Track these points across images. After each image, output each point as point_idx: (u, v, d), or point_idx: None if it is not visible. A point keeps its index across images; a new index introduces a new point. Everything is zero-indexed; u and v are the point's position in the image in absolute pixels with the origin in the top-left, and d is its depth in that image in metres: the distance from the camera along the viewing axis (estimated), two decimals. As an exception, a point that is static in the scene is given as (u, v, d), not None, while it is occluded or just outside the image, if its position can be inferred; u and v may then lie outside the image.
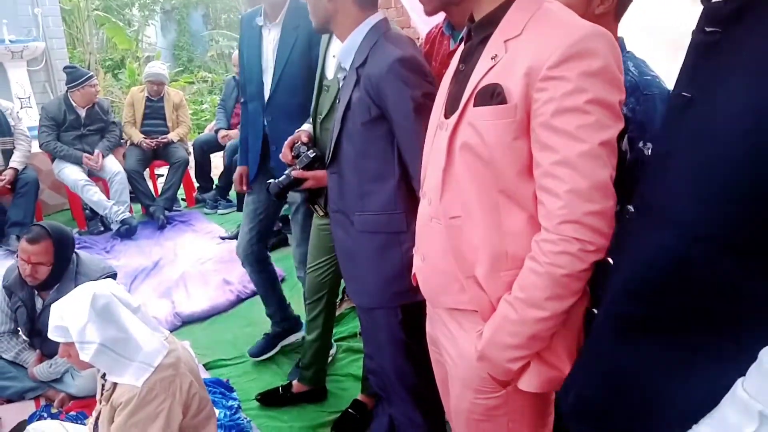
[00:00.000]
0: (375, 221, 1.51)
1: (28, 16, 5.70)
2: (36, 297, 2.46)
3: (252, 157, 2.45)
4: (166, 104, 5.01)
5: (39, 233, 2.32)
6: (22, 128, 4.47)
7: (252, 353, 2.74)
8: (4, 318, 2.49)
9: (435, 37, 1.74)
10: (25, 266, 2.31)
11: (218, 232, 4.47)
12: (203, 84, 11.41)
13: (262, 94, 2.33)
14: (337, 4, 1.49)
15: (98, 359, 1.45)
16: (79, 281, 2.36)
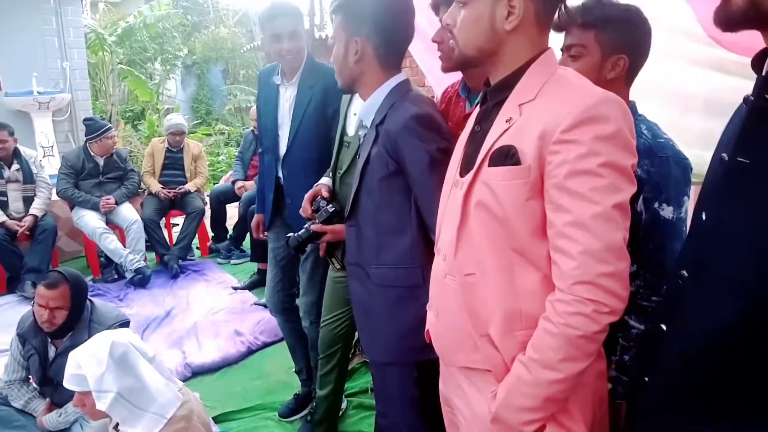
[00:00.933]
0: (391, 275, 1.53)
1: (57, 69, 5.94)
2: (49, 345, 2.46)
3: (267, 207, 2.52)
4: (185, 155, 5.13)
5: (57, 278, 2.35)
6: (43, 176, 4.59)
7: (281, 414, 2.68)
8: (16, 366, 2.49)
9: (451, 96, 1.80)
10: (42, 312, 2.32)
11: (231, 282, 4.49)
12: (220, 136, 11.68)
13: (276, 147, 2.41)
14: (363, 66, 1.56)
15: (114, 409, 1.46)
16: (93, 329, 2.38)
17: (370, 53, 1.55)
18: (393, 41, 1.57)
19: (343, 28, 1.56)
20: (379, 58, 1.55)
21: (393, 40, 1.57)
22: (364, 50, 1.54)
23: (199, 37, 14.35)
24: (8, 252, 4.29)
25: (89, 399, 1.50)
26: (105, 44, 9.69)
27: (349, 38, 1.55)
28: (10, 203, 4.40)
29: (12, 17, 5.60)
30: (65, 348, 2.38)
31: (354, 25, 1.53)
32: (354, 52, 1.55)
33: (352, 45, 1.55)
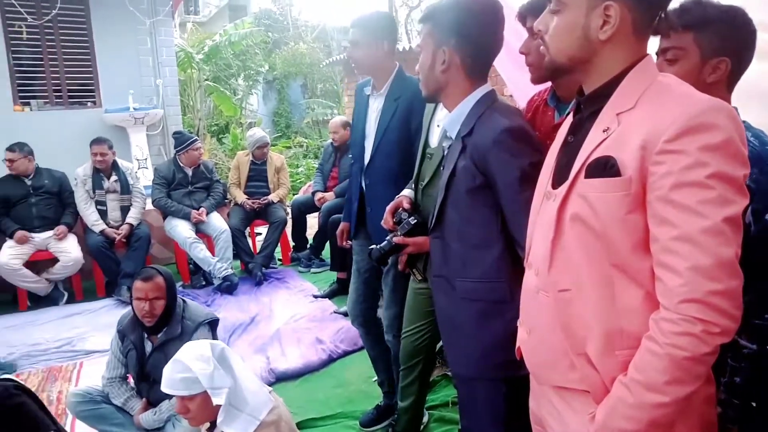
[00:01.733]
0: (477, 288, 1.51)
1: (151, 86, 6.33)
2: (146, 340, 2.60)
3: (352, 216, 2.56)
4: (268, 167, 5.32)
5: (151, 272, 2.51)
6: (139, 187, 4.89)
7: (363, 423, 2.71)
8: (116, 363, 2.64)
9: (538, 106, 1.76)
10: (143, 305, 2.45)
11: (311, 291, 4.59)
12: (299, 149, 12.03)
13: (362, 157, 2.45)
14: (449, 76, 1.55)
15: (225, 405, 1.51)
16: (185, 325, 2.53)
17: (457, 63, 1.53)
18: (481, 51, 1.55)
19: (430, 38, 1.55)
20: (466, 68, 1.54)
21: (481, 51, 1.55)
22: (452, 60, 1.53)
23: (279, 53, 14.87)
24: (107, 258, 4.59)
25: (194, 402, 1.57)
26: (193, 62, 10.24)
27: (436, 48, 1.54)
28: (109, 212, 4.71)
29: (112, 39, 6.02)
30: (161, 343, 2.53)
31: (442, 34, 1.53)
32: (441, 61, 1.54)
33: (439, 55, 1.54)
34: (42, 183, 4.57)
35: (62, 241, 4.50)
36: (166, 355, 2.50)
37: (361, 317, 2.66)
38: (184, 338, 2.51)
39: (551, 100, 1.68)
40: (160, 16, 6.19)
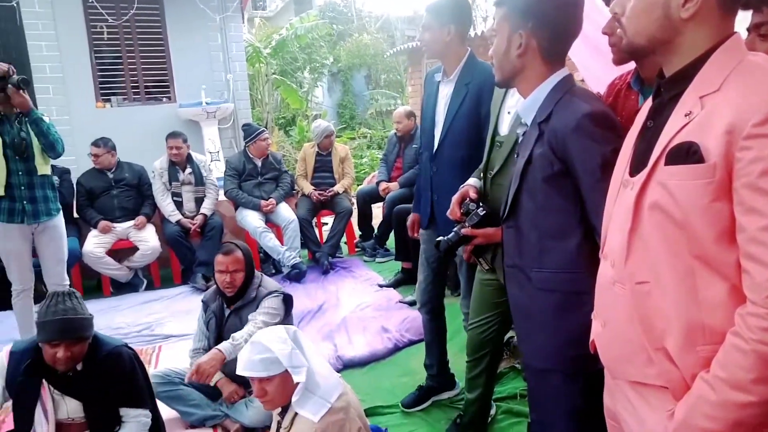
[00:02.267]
0: (554, 279, 1.46)
1: (222, 81, 6.54)
2: (225, 308, 2.77)
3: (423, 206, 2.55)
4: (333, 158, 5.40)
5: (230, 247, 2.71)
6: (212, 179, 5.08)
7: (404, 404, 2.78)
8: (201, 335, 2.81)
9: (620, 89, 1.69)
10: (224, 277, 2.65)
11: (376, 280, 4.63)
12: (363, 139, 12.12)
13: (431, 145, 2.44)
14: (526, 60, 1.50)
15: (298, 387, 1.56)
16: (260, 293, 2.72)
17: (534, 47, 1.48)
18: (559, 35, 1.49)
19: (506, 21, 1.50)
20: (543, 52, 1.48)
21: (559, 34, 1.49)
22: (528, 44, 1.48)
23: (343, 45, 14.99)
24: (183, 247, 4.81)
25: (272, 384, 1.62)
26: (261, 56, 10.50)
27: (512, 32, 1.49)
28: (184, 203, 4.92)
29: (185, 37, 6.26)
30: (237, 307, 2.72)
31: (518, 17, 1.48)
32: (517, 45, 1.48)
33: (515, 39, 1.48)
34: (123, 176, 4.83)
35: (141, 231, 4.74)
36: (240, 318, 2.69)
37: (429, 304, 2.71)
38: (256, 302, 2.69)
39: (635, 83, 1.60)
40: (229, 12, 6.37)
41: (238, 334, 2.56)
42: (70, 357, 2.03)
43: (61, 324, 2.01)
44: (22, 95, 3.16)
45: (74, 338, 2.04)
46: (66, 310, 2.04)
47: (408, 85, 12.10)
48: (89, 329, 2.11)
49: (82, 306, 2.11)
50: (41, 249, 3.49)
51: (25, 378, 2.09)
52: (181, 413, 2.71)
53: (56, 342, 2.01)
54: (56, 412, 2.14)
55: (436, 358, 2.80)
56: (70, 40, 5.74)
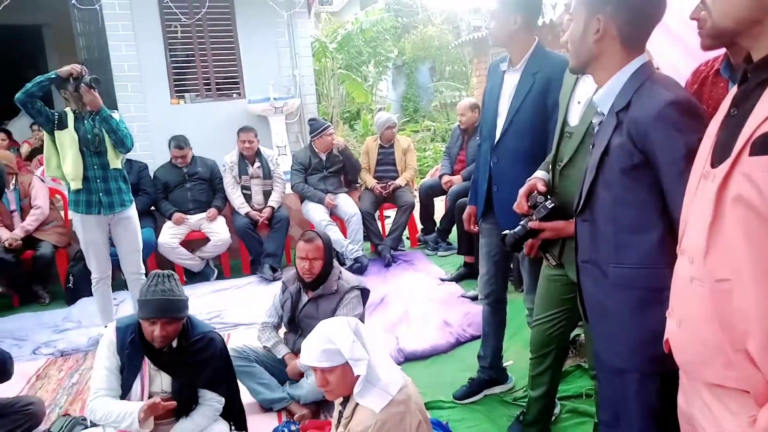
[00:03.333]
0: (633, 275, 1.39)
1: (289, 77, 6.66)
2: (302, 293, 2.86)
3: (480, 198, 2.52)
4: (396, 150, 5.40)
5: (312, 235, 2.80)
6: (279, 173, 5.20)
7: (456, 396, 2.79)
8: (273, 311, 2.94)
9: (706, 76, 1.59)
10: (303, 263, 2.74)
11: (438, 274, 4.61)
12: (427, 132, 12.07)
13: (492, 135, 2.40)
14: (603, 46, 1.43)
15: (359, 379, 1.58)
16: (340, 284, 2.81)
17: (613, 32, 1.41)
18: (640, 19, 1.41)
19: (582, 6, 1.44)
20: (622, 37, 1.41)
21: (640, 18, 1.40)
22: (607, 29, 1.41)
23: (408, 37, 14.95)
24: (251, 238, 4.96)
25: (334, 375, 1.64)
26: (327, 51, 10.63)
27: (590, 16, 1.42)
28: (253, 196, 5.07)
29: (254, 34, 6.42)
30: (317, 296, 2.81)
31: (596, 1, 1.41)
32: (595, 30, 1.42)
33: (593, 23, 1.42)
34: (196, 170, 5.02)
35: (213, 223, 4.92)
36: (317, 308, 2.77)
37: (491, 297, 2.69)
38: (337, 296, 2.78)
39: (725, 69, 1.51)
40: (296, 8, 6.48)
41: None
42: (165, 335, 2.18)
43: (159, 303, 2.17)
44: (93, 94, 3.35)
45: (170, 317, 2.19)
46: (165, 291, 2.19)
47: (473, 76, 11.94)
48: (184, 310, 2.26)
49: (179, 288, 2.25)
50: (117, 239, 3.69)
51: (131, 350, 2.26)
52: (250, 390, 2.79)
53: (154, 319, 2.17)
54: (151, 384, 2.30)
55: (491, 350, 2.79)
56: (146, 40, 6.01)
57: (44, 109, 3.35)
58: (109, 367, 2.31)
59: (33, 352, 3.72)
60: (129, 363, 2.29)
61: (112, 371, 2.30)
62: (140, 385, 2.29)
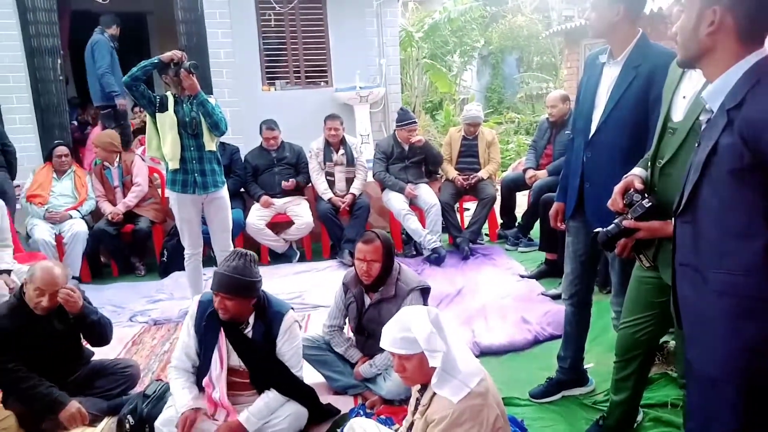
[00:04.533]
0: (736, 282, 1.31)
1: (375, 66, 6.73)
2: (365, 295, 2.85)
3: (570, 194, 2.45)
4: (479, 143, 5.33)
5: (371, 236, 2.75)
6: (362, 161, 5.28)
7: (533, 395, 2.74)
8: (337, 312, 2.94)
9: None
10: (362, 265, 2.72)
11: (518, 270, 4.53)
12: (510, 124, 11.80)
13: (587, 130, 2.33)
14: (717, 39, 1.35)
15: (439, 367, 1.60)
16: (399, 287, 2.75)
17: (730, 25, 1.32)
18: (763, 13, 1.31)
19: None
20: (739, 30, 1.32)
21: (762, 11, 1.31)
22: (723, 21, 1.32)
23: (496, 27, 14.65)
24: (333, 224, 5.08)
25: (411, 362, 1.67)
26: (413, 41, 10.62)
27: (705, 6, 1.34)
28: (336, 183, 5.18)
29: (343, 23, 6.53)
30: (376, 301, 2.78)
31: None
32: (709, 22, 1.33)
33: (707, 14, 1.33)
34: (284, 155, 5.20)
35: (297, 207, 5.08)
36: (379, 312, 2.74)
37: (575, 297, 2.61)
38: (398, 300, 2.71)
39: None
40: (386, -2, 6.53)
41: (378, 360, 2.77)
42: (223, 308, 2.30)
43: (223, 278, 2.30)
44: (192, 79, 3.52)
45: (227, 292, 2.29)
46: (234, 268, 2.31)
47: (563, 67, 11.56)
48: (247, 290, 2.35)
49: (251, 269, 2.35)
50: (209, 218, 3.89)
51: (208, 323, 2.41)
52: (326, 378, 2.89)
53: (216, 292, 2.31)
54: (229, 358, 2.43)
55: (573, 352, 2.71)
56: (242, 28, 6.25)
57: (147, 92, 3.57)
58: (186, 341, 2.47)
59: (129, 320, 4.01)
60: (206, 335, 2.43)
61: (187, 344, 2.47)
62: (218, 358, 2.42)
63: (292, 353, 2.49)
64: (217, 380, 2.43)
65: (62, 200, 4.86)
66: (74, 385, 2.69)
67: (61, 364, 2.69)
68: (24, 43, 5.64)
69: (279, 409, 2.43)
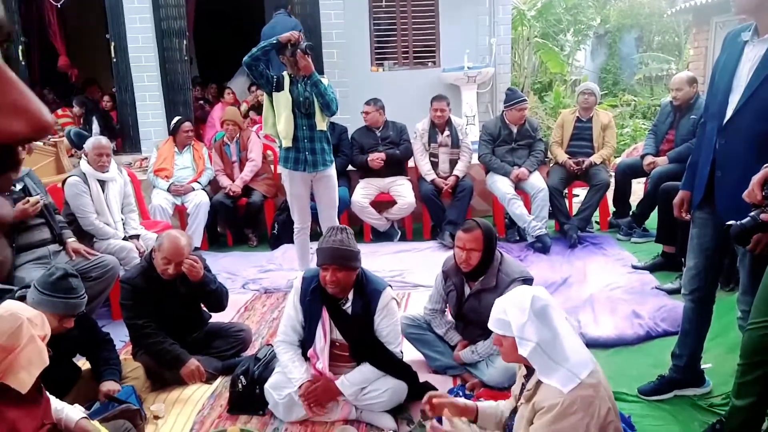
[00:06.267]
0: None
1: (485, 46, 6.59)
2: (465, 285, 2.83)
3: (698, 183, 2.29)
4: (594, 125, 5.08)
5: (472, 225, 2.71)
6: (467, 142, 5.21)
7: (642, 391, 2.60)
8: (438, 297, 2.95)
9: None
10: (461, 253, 2.69)
11: (630, 260, 4.30)
12: (626, 108, 11.14)
13: (722, 114, 2.15)
14: None
15: (533, 357, 1.57)
16: (500, 278, 2.69)
17: None
18: None
19: None
20: None
21: None
22: None
23: (614, 4, 13.85)
24: (434, 205, 5.08)
25: (507, 341, 1.65)
26: (524, 19, 10.28)
27: None
28: (440, 164, 5.15)
29: (454, 2, 6.42)
30: (476, 291, 2.75)
31: None
32: None
33: None
34: (388, 134, 5.24)
35: (400, 186, 5.13)
36: (480, 302, 2.71)
37: (698, 293, 2.45)
38: (498, 291, 2.65)
39: None
40: (499, -25, 6.35)
41: (480, 347, 2.74)
42: (335, 280, 2.39)
43: (331, 251, 2.40)
44: (307, 59, 3.62)
45: (339, 264, 2.39)
46: (337, 241, 2.40)
47: (689, 47, 10.71)
48: (354, 260, 2.44)
49: (351, 240, 2.44)
50: (318, 194, 4.02)
51: (312, 298, 2.53)
52: (426, 357, 2.92)
53: (326, 265, 2.40)
54: (332, 332, 2.54)
55: (690, 349, 2.55)
56: (354, 9, 6.33)
57: (265, 72, 3.72)
58: (292, 315, 2.60)
59: (242, 287, 4.26)
60: (310, 309, 2.54)
61: (293, 318, 2.59)
62: (322, 331, 2.53)
63: (389, 329, 2.53)
64: (321, 352, 2.55)
65: (184, 173, 5.23)
66: (193, 345, 2.92)
67: (183, 325, 2.92)
68: (155, 25, 6.08)
69: (378, 381, 2.50)
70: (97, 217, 3.74)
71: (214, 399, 2.76)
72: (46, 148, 4.93)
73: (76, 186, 3.70)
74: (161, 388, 2.81)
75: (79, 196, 3.69)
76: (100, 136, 4.26)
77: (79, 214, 3.70)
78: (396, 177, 5.21)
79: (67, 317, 2.35)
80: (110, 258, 3.45)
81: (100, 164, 3.76)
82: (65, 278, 2.34)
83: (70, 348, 2.62)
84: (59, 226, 3.47)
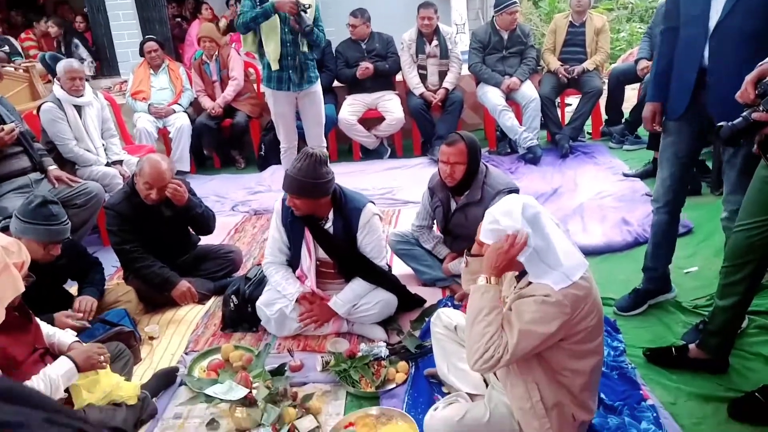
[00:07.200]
0: None
1: (474, -53, 6.21)
2: (451, 200, 2.81)
3: (683, 90, 2.20)
4: (587, 30, 4.88)
5: (455, 138, 2.65)
6: (456, 52, 5.02)
7: (619, 307, 2.62)
8: (425, 214, 2.94)
9: None
10: (445, 168, 2.65)
11: (621, 168, 4.26)
12: (623, 11, 10.70)
13: (704, 17, 2.05)
14: None
15: (528, 262, 1.57)
16: (485, 191, 2.67)
17: None
18: None
19: None
20: None
21: None
22: None
23: None
24: (424, 119, 4.97)
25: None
26: None
27: None
28: (428, 76, 4.98)
29: None
30: (462, 205, 2.74)
31: None
32: None
33: None
34: (374, 46, 5.04)
35: (388, 102, 4.99)
36: (466, 216, 2.71)
37: (671, 204, 2.43)
38: (484, 204, 2.63)
39: None
40: None
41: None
42: (295, 206, 2.38)
43: (288, 180, 2.37)
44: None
45: (295, 193, 2.35)
46: (299, 169, 2.33)
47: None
48: (315, 191, 2.37)
49: (319, 169, 2.34)
50: (303, 112, 3.93)
51: (293, 219, 2.51)
52: (415, 271, 2.95)
53: (287, 192, 2.39)
54: (316, 251, 2.54)
55: (664, 259, 2.56)
56: None
57: (258, 17, 3.54)
58: (276, 237, 2.59)
59: (232, 209, 4.25)
60: (292, 231, 2.53)
61: (278, 240, 2.58)
62: (306, 251, 2.53)
63: (372, 246, 2.53)
64: (308, 271, 2.57)
65: (162, 94, 5.07)
66: (183, 267, 2.92)
67: (171, 248, 2.91)
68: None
69: (368, 295, 2.52)
70: (77, 143, 3.64)
71: (208, 318, 2.80)
72: (18, 73, 4.74)
73: (51, 112, 3.57)
74: (154, 310, 2.85)
75: (55, 122, 3.57)
76: (71, 59, 4.09)
77: (58, 141, 3.60)
78: (384, 92, 5.06)
79: (52, 244, 2.33)
80: (94, 185, 3.39)
81: (74, 88, 3.61)
82: (44, 205, 2.30)
83: (60, 275, 2.62)
84: (39, 154, 3.38)
